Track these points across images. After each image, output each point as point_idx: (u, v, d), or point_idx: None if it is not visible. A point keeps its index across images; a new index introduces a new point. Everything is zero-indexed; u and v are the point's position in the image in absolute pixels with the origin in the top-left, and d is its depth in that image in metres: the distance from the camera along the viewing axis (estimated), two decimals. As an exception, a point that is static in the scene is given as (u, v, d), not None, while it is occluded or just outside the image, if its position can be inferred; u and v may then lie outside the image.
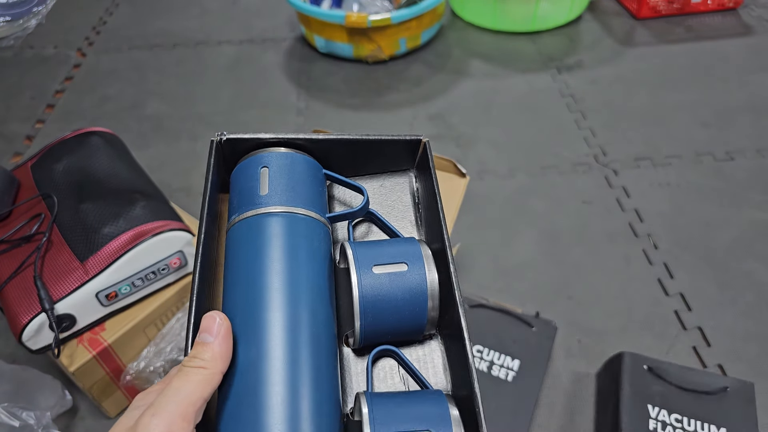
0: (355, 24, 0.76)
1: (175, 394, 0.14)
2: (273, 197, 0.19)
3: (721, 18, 0.90)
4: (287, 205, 0.19)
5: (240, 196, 0.19)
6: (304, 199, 0.19)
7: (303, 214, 0.19)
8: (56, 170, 0.47)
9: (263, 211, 0.18)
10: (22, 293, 0.40)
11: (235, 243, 0.18)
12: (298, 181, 0.19)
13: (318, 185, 0.20)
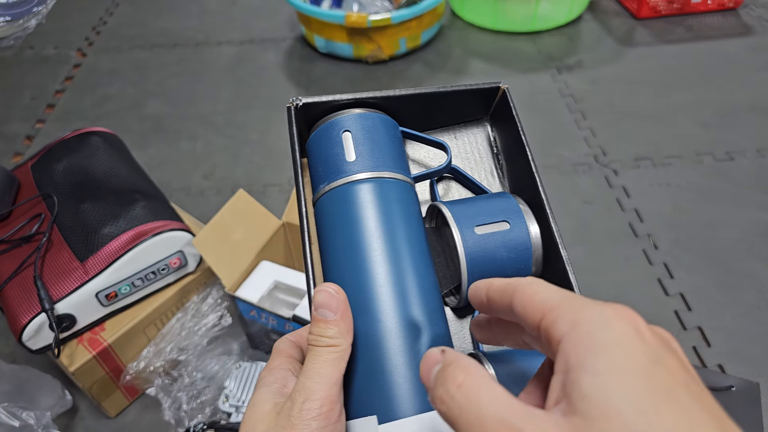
0: (355, 24, 0.76)
1: (316, 375, 0.14)
2: (360, 163, 0.18)
3: (721, 18, 0.89)
4: (376, 170, 0.18)
5: (325, 163, 0.19)
6: (390, 161, 0.19)
7: (393, 178, 0.18)
8: (56, 170, 0.47)
9: (354, 178, 0.18)
10: (22, 293, 0.40)
11: (331, 213, 0.18)
12: (381, 143, 0.19)
13: (398, 144, 0.20)
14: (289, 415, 0.14)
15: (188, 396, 0.42)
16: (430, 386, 0.13)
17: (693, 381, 0.11)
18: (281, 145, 0.72)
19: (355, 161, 0.18)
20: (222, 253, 0.42)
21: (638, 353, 0.11)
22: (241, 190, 0.45)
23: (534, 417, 0.11)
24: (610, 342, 0.11)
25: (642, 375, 0.10)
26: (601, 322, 0.11)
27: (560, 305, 0.12)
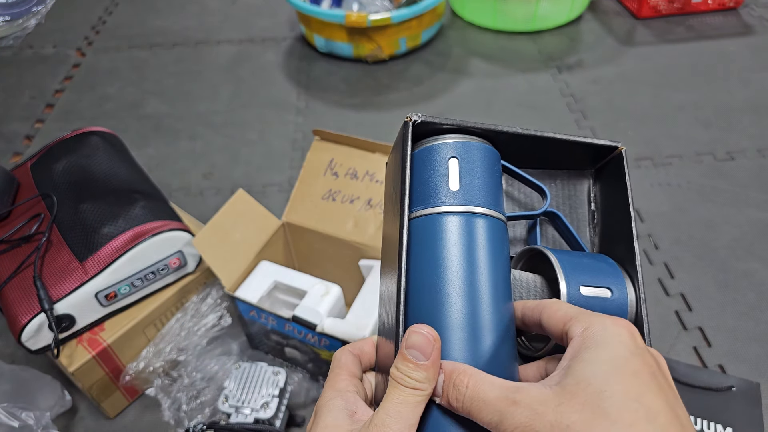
0: (354, 23, 0.76)
1: (398, 416, 0.15)
2: (463, 194, 0.18)
3: (722, 17, 0.89)
4: (477, 205, 0.18)
5: (426, 186, 0.18)
6: (491, 197, 0.19)
7: (492, 216, 0.18)
8: (56, 170, 0.47)
9: (455, 209, 0.18)
10: (22, 293, 0.40)
11: (424, 238, 0.18)
12: (485, 177, 0.19)
13: (498, 179, 0.20)
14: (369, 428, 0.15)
15: (188, 396, 0.42)
16: (439, 394, 0.16)
17: (667, 383, 0.14)
18: (281, 144, 0.72)
19: (458, 192, 0.18)
20: (221, 253, 0.42)
21: (624, 348, 0.14)
22: (241, 190, 0.45)
23: (523, 388, 0.14)
24: (605, 339, 0.14)
25: (621, 362, 0.14)
26: (602, 326, 0.15)
27: (577, 315, 0.16)
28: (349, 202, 0.45)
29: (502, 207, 0.19)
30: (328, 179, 0.47)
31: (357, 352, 0.19)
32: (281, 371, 0.41)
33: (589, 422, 0.13)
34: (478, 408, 0.15)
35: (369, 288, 0.41)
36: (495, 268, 0.18)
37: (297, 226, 0.47)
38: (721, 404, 0.39)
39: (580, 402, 0.13)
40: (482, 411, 0.15)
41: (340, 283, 0.43)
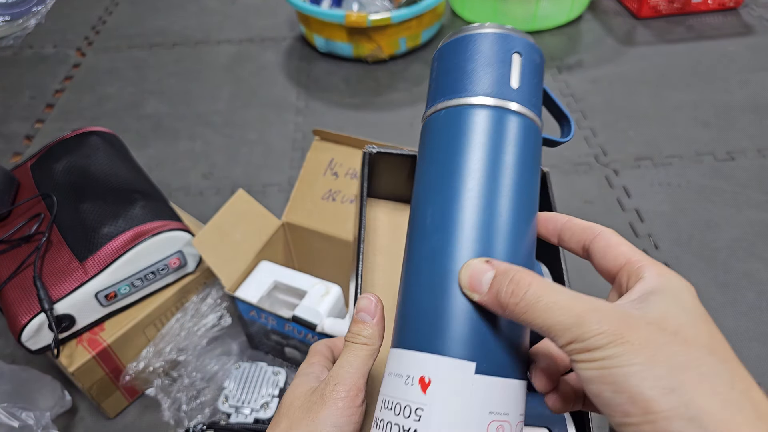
0: (354, 23, 0.76)
1: (348, 365, 0.17)
2: (521, 94, 0.17)
3: (722, 17, 0.89)
4: (534, 110, 0.17)
5: (483, 71, 0.17)
6: (539, 107, 0.18)
7: (538, 125, 0.17)
8: (56, 170, 0.47)
9: (516, 108, 0.16)
10: (22, 293, 0.40)
11: (476, 130, 0.16)
12: (539, 83, 0.18)
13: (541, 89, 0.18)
14: (322, 393, 0.17)
15: (188, 396, 0.42)
16: (482, 291, 0.15)
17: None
18: (281, 144, 0.72)
19: (518, 89, 0.17)
20: (221, 253, 0.42)
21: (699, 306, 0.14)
22: (241, 190, 0.45)
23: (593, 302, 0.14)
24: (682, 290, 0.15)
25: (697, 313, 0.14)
26: (677, 278, 0.15)
27: (645, 259, 0.15)
28: (349, 202, 0.45)
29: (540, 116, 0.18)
30: (328, 179, 0.47)
31: (330, 344, 0.21)
32: (281, 371, 0.41)
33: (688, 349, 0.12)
34: (544, 309, 0.14)
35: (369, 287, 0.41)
36: (535, 176, 0.17)
37: (297, 226, 0.47)
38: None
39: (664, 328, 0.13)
40: (549, 313, 0.13)
41: (340, 282, 0.43)
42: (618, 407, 0.12)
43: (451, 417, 0.14)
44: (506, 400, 0.15)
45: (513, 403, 0.15)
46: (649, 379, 0.12)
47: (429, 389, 0.14)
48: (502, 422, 0.14)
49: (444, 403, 0.14)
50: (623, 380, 0.12)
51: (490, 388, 0.14)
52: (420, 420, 0.14)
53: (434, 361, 0.15)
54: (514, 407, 0.15)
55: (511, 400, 0.15)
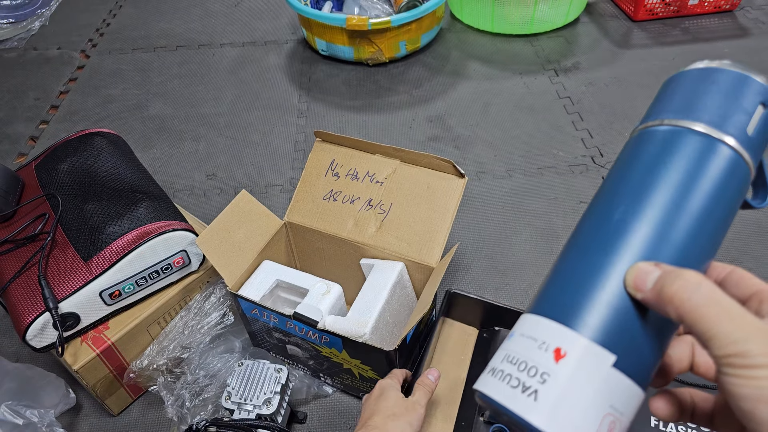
0: (355, 27, 0.77)
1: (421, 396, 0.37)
2: (752, 143, 0.16)
3: (718, 20, 0.90)
4: (754, 163, 0.17)
5: (719, 106, 0.17)
6: (758, 160, 0.17)
7: (751, 177, 0.17)
8: (60, 171, 0.48)
9: (742, 153, 0.16)
10: (27, 292, 0.40)
11: (697, 158, 0.16)
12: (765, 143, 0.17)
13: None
14: (412, 404, 0.35)
15: (191, 393, 0.42)
16: (644, 288, 0.15)
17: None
18: (283, 146, 0.73)
19: (751, 138, 0.17)
20: (225, 253, 0.43)
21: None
22: (244, 191, 0.46)
23: (756, 320, 0.14)
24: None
25: None
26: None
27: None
28: (350, 203, 0.46)
29: None
30: (329, 180, 0.47)
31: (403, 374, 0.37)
32: (283, 368, 0.41)
33: None
34: (714, 314, 0.14)
35: (369, 286, 0.42)
36: (726, 221, 0.17)
37: (299, 226, 0.48)
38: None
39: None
40: (719, 319, 0.13)
41: (341, 281, 0.44)
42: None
43: (574, 392, 0.15)
44: (627, 402, 0.15)
45: (631, 406, 0.15)
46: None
47: (562, 361, 0.15)
48: (618, 419, 0.15)
49: (573, 378, 0.15)
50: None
51: (619, 385, 0.15)
52: (544, 383, 0.15)
53: (576, 338, 0.15)
54: (631, 411, 0.15)
55: (631, 404, 0.15)
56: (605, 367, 0.15)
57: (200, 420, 0.38)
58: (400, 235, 0.44)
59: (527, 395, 0.15)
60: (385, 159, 0.46)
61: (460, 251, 0.57)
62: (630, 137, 0.19)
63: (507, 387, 0.15)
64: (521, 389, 0.15)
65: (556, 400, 0.15)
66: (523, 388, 0.15)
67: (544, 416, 0.15)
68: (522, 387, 0.15)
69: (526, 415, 0.15)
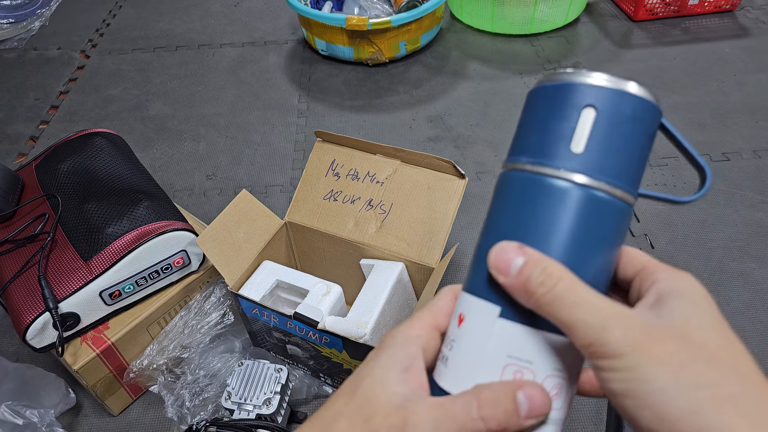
0: (355, 27, 0.77)
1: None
2: (586, 161, 0.14)
3: (718, 20, 0.90)
4: (603, 180, 0.14)
5: (539, 132, 0.15)
6: (627, 173, 0.14)
7: (619, 198, 0.14)
8: (60, 171, 0.48)
9: (567, 177, 0.14)
10: (27, 292, 0.40)
11: (521, 200, 0.15)
12: (629, 143, 0.14)
13: (647, 147, 0.15)
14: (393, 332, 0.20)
15: (191, 393, 0.42)
16: (508, 273, 0.14)
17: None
18: (283, 146, 0.73)
19: (580, 155, 0.14)
20: (225, 252, 0.43)
21: (712, 305, 0.14)
22: (244, 191, 0.46)
23: (620, 308, 0.13)
24: (699, 296, 0.14)
25: (717, 321, 0.14)
26: (690, 281, 0.15)
27: (660, 264, 0.15)
28: (351, 203, 0.46)
29: (635, 185, 0.15)
30: (329, 180, 0.47)
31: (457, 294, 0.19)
32: (283, 368, 0.41)
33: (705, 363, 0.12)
34: (570, 305, 0.13)
35: (369, 287, 0.42)
36: (597, 258, 0.14)
37: (299, 226, 0.48)
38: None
39: (688, 340, 0.13)
40: (575, 309, 0.13)
41: (341, 281, 0.44)
42: (643, 422, 0.12)
43: (472, 350, 0.15)
44: (529, 349, 0.14)
45: (540, 353, 0.14)
46: (675, 398, 0.12)
47: (462, 324, 0.16)
48: (522, 368, 0.14)
49: (469, 337, 0.15)
50: (648, 397, 0.12)
51: (510, 333, 0.14)
52: (452, 349, 0.16)
53: (469, 300, 0.16)
54: (543, 358, 0.14)
55: (537, 350, 0.14)
56: (492, 319, 0.15)
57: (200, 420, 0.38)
58: (400, 236, 0.44)
59: (444, 365, 0.16)
60: (385, 159, 0.46)
61: (460, 252, 0.57)
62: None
63: (439, 364, 0.16)
64: (442, 361, 0.16)
65: (457, 361, 0.15)
66: (442, 358, 0.16)
67: (449, 378, 0.15)
68: (442, 358, 0.16)
69: (440, 381, 0.16)
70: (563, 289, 0.13)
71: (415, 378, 0.15)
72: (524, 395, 0.14)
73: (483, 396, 0.14)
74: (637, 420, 0.12)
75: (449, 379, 0.15)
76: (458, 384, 0.15)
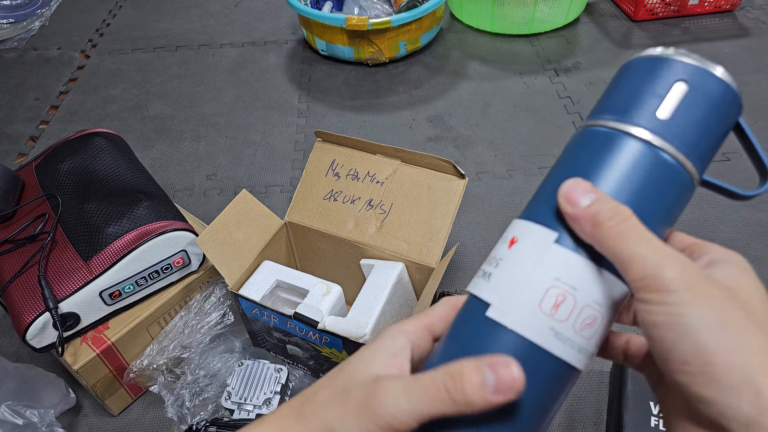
0: (355, 27, 0.77)
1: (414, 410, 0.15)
2: (671, 130, 0.15)
3: (718, 20, 0.90)
4: (683, 152, 0.15)
5: (629, 98, 0.16)
6: (701, 148, 0.16)
7: (688, 171, 0.15)
8: (60, 171, 0.48)
9: (650, 139, 0.15)
10: (27, 292, 0.40)
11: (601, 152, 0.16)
12: (707, 123, 0.15)
13: (723, 133, 0.16)
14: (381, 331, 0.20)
15: (191, 393, 0.42)
16: (578, 204, 0.15)
17: None
18: (283, 146, 0.73)
19: (664, 122, 0.15)
20: (225, 252, 0.43)
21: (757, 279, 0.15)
22: (244, 191, 0.46)
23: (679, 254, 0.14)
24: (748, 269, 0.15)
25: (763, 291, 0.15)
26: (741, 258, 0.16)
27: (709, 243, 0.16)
28: (351, 203, 0.46)
29: (706, 165, 0.16)
30: (329, 180, 0.47)
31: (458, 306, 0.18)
32: (283, 368, 0.41)
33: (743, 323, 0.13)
34: (636, 239, 0.14)
35: (369, 287, 0.42)
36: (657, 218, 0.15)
37: (299, 226, 0.48)
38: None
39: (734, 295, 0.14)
40: (639, 244, 0.14)
41: (341, 281, 0.44)
42: (678, 354, 0.13)
43: (521, 269, 0.16)
44: (577, 276, 0.15)
45: (586, 282, 0.15)
46: (715, 334, 0.13)
47: (513, 246, 0.16)
48: (566, 292, 0.15)
49: (520, 257, 0.16)
50: (690, 330, 0.13)
51: (563, 259, 0.15)
52: (497, 266, 0.16)
53: (525, 225, 0.17)
54: (587, 288, 0.15)
55: (584, 280, 0.15)
56: (547, 244, 0.16)
57: (200, 420, 0.38)
58: (400, 236, 0.44)
59: (485, 279, 0.17)
60: (385, 159, 0.46)
61: (460, 252, 0.57)
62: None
63: (478, 279, 0.17)
64: (482, 276, 0.17)
65: (502, 276, 0.16)
66: (483, 274, 0.17)
67: (490, 291, 0.16)
68: (483, 274, 0.17)
69: (479, 293, 0.16)
70: (630, 225, 0.14)
71: (398, 364, 0.16)
72: (491, 371, 0.14)
73: (452, 369, 0.14)
74: (672, 352, 0.13)
75: (490, 293, 0.16)
76: (500, 297, 0.16)
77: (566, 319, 0.15)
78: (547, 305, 0.15)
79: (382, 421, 0.14)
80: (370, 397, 0.14)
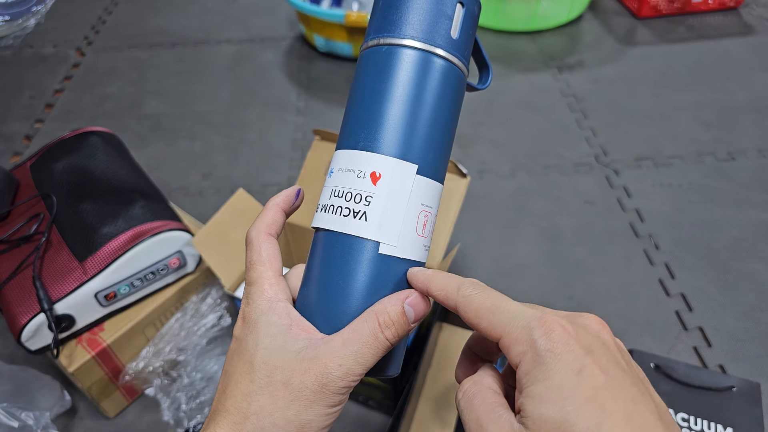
0: (354, 23, 0.76)
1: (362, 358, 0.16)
2: (458, 44, 0.19)
3: (722, 17, 0.89)
4: (465, 60, 0.19)
5: (421, 19, 0.18)
6: (469, 55, 0.20)
7: (464, 73, 0.20)
8: (55, 170, 0.47)
9: (450, 58, 0.19)
10: (21, 293, 0.40)
11: (411, 75, 0.18)
12: (472, 35, 0.20)
13: (474, 38, 0.21)
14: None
15: (187, 396, 0.42)
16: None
17: (628, 376, 0.13)
18: (280, 144, 0.72)
19: (456, 41, 0.19)
20: (221, 253, 0.42)
21: (573, 364, 0.13)
22: (241, 190, 0.45)
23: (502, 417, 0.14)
24: (549, 362, 0.13)
25: (572, 387, 0.13)
26: (545, 343, 0.14)
27: (511, 327, 0.15)
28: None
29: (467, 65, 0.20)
30: (328, 179, 0.47)
31: (274, 232, 0.19)
32: (281, 371, 0.41)
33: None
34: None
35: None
36: (452, 114, 0.20)
37: (297, 226, 0.47)
38: (722, 404, 0.39)
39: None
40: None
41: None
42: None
43: (394, 203, 0.18)
44: (433, 197, 0.19)
45: (436, 200, 0.19)
46: None
47: (379, 182, 0.18)
48: (428, 213, 0.19)
49: (390, 192, 0.18)
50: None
51: (424, 186, 0.18)
52: (369, 204, 0.18)
53: (385, 160, 0.18)
54: (436, 203, 0.19)
55: (435, 198, 0.19)
56: (412, 175, 0.18)
57: (197, 423, 0.38)
58: (400, 236, 0.43)
59: (358, 219, 0.18)
60: (385, 158, 0.45)
61: (462, 252, 0.56)
62: (359, 54, 0.20)
63: (340, 218, 0.18)
64: (352, 216, 0.18)
65: (381, 214, 0.18)
66: (354, 213, 0.18)
67: (374, 229, 0.18)
68: (353, 213, 0.18)
69: (361, 233, 0.18)
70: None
71: (299, 328, 0.16)
72: (410, 305, 0.17)
73: (381, 319, 0.16)
74: None
75: (377, 232, 0.18)
76: (388, 235, 0.18)
77: (429, 233, 0.19)
78: (420, 228, 0.18)
79: (341, 393, 0.15)
80: (320, 378, 0.15)
